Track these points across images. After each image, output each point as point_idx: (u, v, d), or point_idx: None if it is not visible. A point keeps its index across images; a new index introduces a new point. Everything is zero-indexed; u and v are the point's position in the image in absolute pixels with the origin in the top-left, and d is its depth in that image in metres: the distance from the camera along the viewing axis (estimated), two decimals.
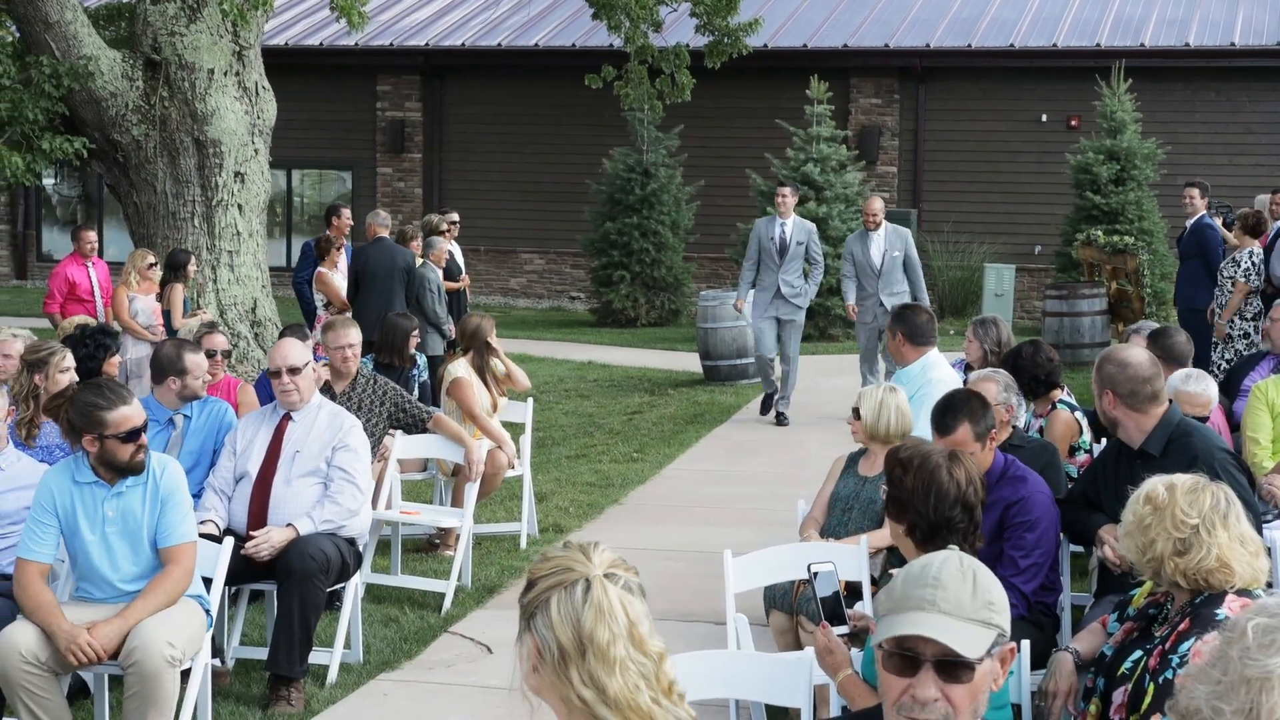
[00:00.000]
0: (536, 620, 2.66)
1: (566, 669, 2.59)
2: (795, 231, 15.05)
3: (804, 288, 15.11)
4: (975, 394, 6.30)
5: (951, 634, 2.82)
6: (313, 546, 7.08)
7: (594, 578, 2.64)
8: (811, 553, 6.27)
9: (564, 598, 2.64)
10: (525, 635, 2.68)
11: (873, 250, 14.88)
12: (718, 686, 4.95)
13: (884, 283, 14.77)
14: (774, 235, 15.01)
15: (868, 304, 14.83)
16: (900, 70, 26.77)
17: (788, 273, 14.94)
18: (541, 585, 2.68)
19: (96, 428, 6.04)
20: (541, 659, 2.63)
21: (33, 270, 30.95)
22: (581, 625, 2.60)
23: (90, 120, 15.92)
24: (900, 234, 15.02)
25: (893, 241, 14.90)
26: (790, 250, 14.94)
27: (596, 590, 2.63)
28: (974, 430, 5.97)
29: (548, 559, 2.72)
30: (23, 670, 5.80)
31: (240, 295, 16.09)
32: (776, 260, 14.92)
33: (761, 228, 15.22)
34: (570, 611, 2.62)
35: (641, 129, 24.53)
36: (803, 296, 15.09)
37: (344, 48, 28.25)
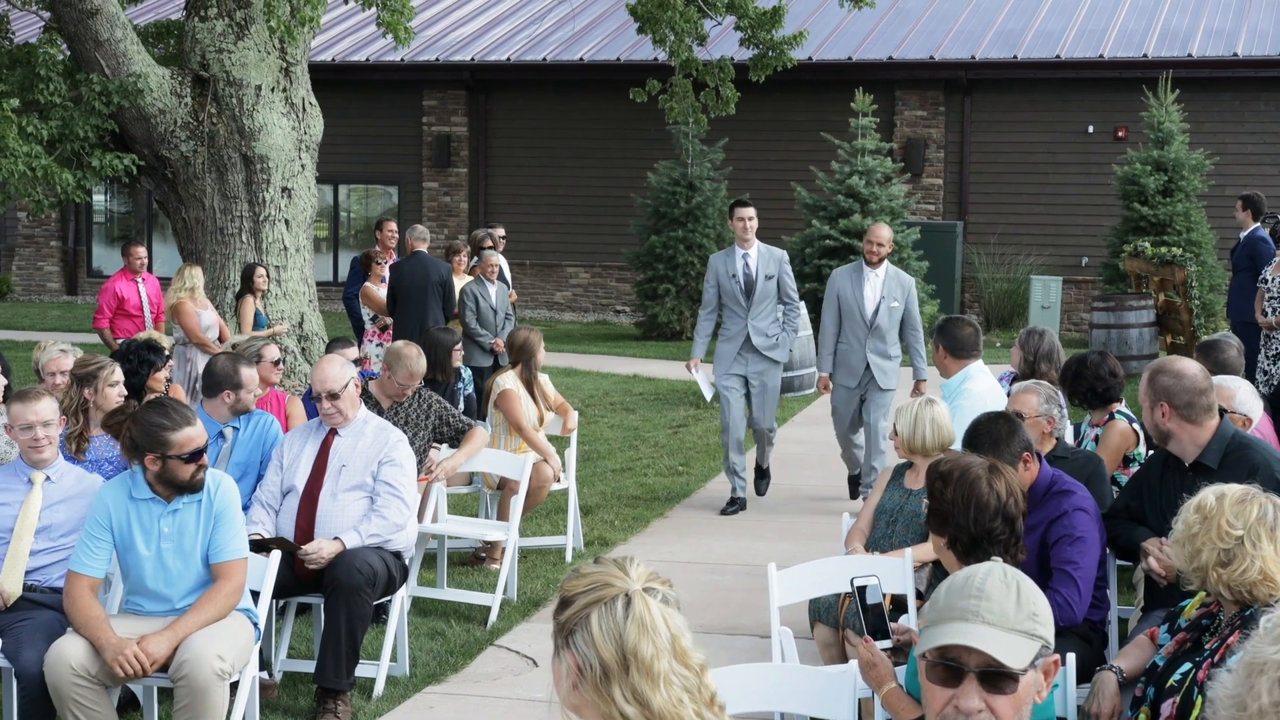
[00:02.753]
0: (576, 638, 2.62)
1: (609, 686, 2.57)
2: (762, 263, 11.74)
3: (781, 336, 11.86)
4: (1002, 418, 6.22)
5: (995, 644, 2.82)
6: (359, 560, 7.11)
7: (634, 592, 2.62)
8: (856, 566, 6.26)
9: (605, 614, 2.60)
10: (564, 653, 2.64)
11: (866, 292, 11.47)
12: (762, 700, 4.94)
13: (874, 339, 11.46)
14: (735, 271, 11.70)
15: (851, 361, 11.51)
16: (945, 82, 26.69)
17: (759, 317, 11.71)
18: (580, 602, 2.64)
19: (160, 448, 6.09)
20: (582, 677, 2.60)
21: (83, 286, 31.21)
22: (625, 641, 2.57)
23: (139, 137, 16.06)
24: (903, 282, 11.61)
25: (892, 288, 11.52)
26: (758, 287, 11.69)
27: (638, 605, 2.60)
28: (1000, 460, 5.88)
29: (582, 575, 2.68)
30: (73, 683, 5.85)
31: (287, 309, 16.19)
32: (743, 302, 11.68)
33: (718, 263, 11.85)
34: (613, 627, 2.59)
35: (686, 142, 24.55)
36: (780, 348, 11.85)
37: (390, 63, 28.39)
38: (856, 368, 11.51)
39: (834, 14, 28.08)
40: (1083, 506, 5.87)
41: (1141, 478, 6.50)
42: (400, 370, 8.98)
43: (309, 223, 16.87)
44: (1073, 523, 5.78)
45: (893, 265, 11.68)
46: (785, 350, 11.95)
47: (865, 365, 11.43)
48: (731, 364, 11.73)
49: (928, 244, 23.69)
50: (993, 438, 5.96)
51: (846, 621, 6.57)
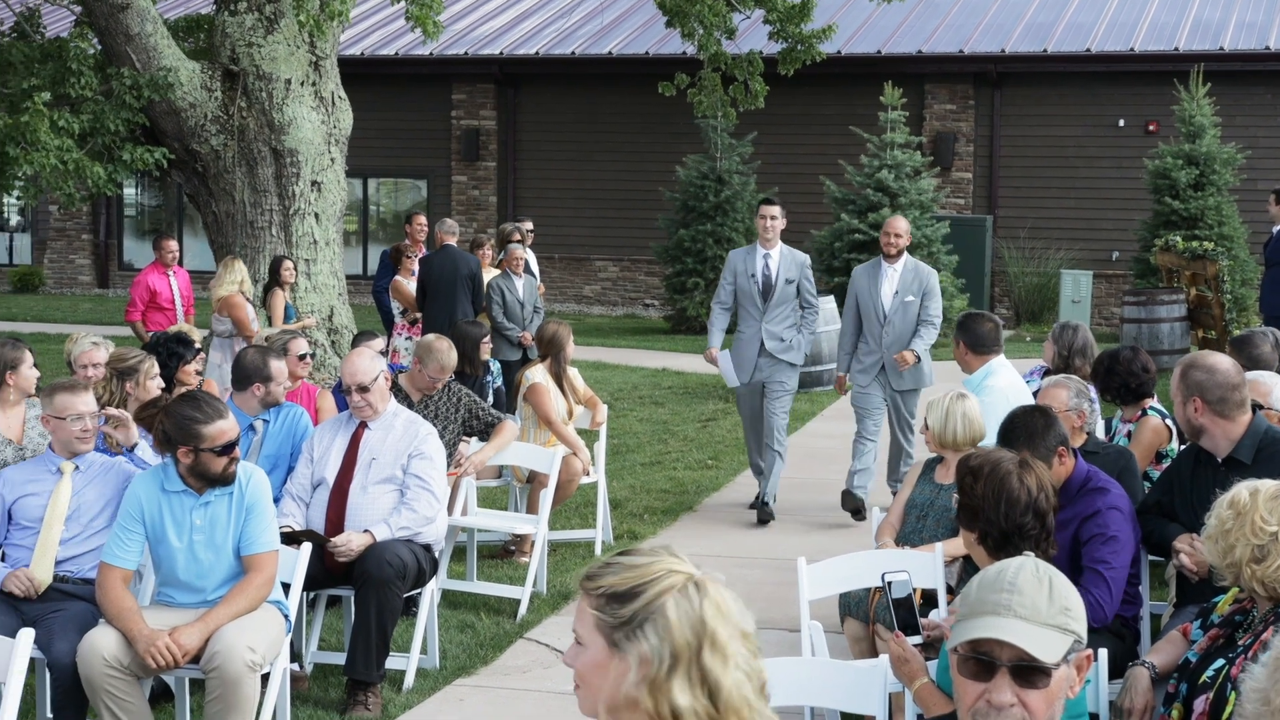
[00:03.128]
0: (647, 630, 2.55)
1: (671, 678, 2.55)
2: (783, 265, 11.28)
3: (795, 340, 11.34)
4: (1038, 411, 6.19)
5: (1028, 638, 2.81)
6: (390, 553, 7.13)
7: (699, 577, 2.59)
8: (886, 561, 6.25)
9: (681, 599, 2.55)
10: (629, 646, 2.57)
11: (884, 288, 11.02)
12: (792, 694, 4.94)
13: (892, 337, 10.98)
14: (754, 271, 11.27)
15: (869, 361, 11.09)
16: (975, 76, 26.61)
17: (774, 320, 11.25)
18: (650, 591, 2.57)
19: (193, 440, 6.12)
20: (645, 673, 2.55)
21: (114, 279, 31.36)
22: (704, 624, 2.54)
23: (170, 131, 16.12)
24: (922, 275, 11.08)
25: (908, 282, 11.03)
26: (777, 290, 11.23)
27: (709, 587, 2.58)
28: (1035, 454, 5.86)
29: (632, 566, 2.61)
30: (105, 674, 5.88)
31: (317, 303, 16.23)
32: (759, 304, 11.24)
33: (737, 260, 11.42)
34: (690, 611, 2.54)
35: (715, 136, 24.52)
36: (794, 351, 11.32)
37: (419, 57, 28.44)
38: (873, 367, 11.06)
39: (863, 7, 28.01)
40: (1117, 505, 5.83)
41: (1172, 473, 6.48)
42: (431, 363, 8.99)
43: (339, 216, 16.90)
44: (1106, 521, 5.75)
45: (914, 258, 11.23)
46: (800, 353, 11.40)
47: (882, 366, 11.00)
48: (746, 371, 11.32)
49: (957, 238, 23.62)
50: (1028, 430, 5.94)
51: (877, 616, 6.57)
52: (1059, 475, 5.84)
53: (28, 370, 7.84)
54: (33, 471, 6.69)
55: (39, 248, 32.47)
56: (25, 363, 7.83)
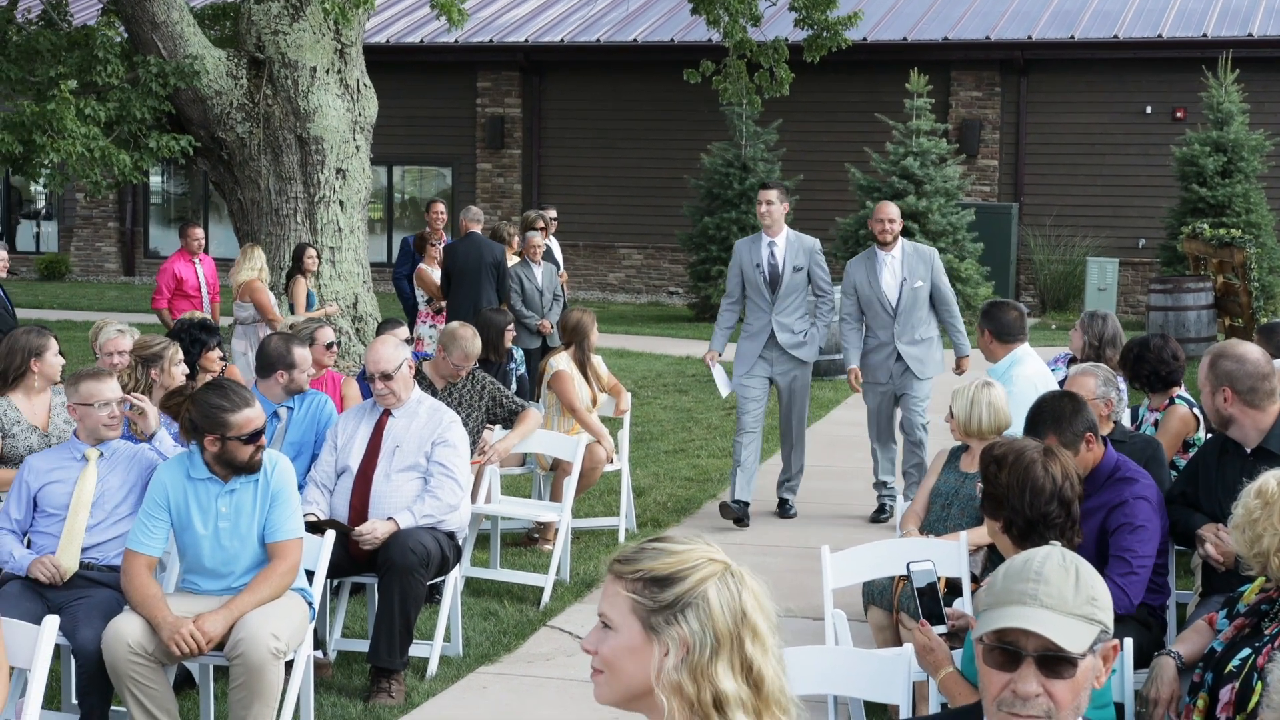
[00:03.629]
0: (689, 616, 2.56)
1: (714, 663, 2.54)
2: (790, 253, 10.66)
3: (809, 333, 10.78)
4: (1067, 396, 6.15)
5: (1054, 628, 2.79)
6: (413, 540, 7.13)
7: (737, 568, 2.61)
8: (910, 549, 6.23)
9: (722, 587, 2.57)
10: (670, 630, 2.57)
11: (885, 278, 10.49)
12: (816, 682, 4.93)
13: (902, 325, 10.50)
14: (759, 260, 10.67)
15: (878, 358, 10.61)
16: (1001, 63, 26.52)
17: (785, 311, 10.65)
18: (693, 577, 2.58)
19: (219, 429, 6.12)
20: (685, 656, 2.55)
21: (140, 267, 31.47)
22: (744, 613, 2.56)
23: (196, 118, 16.15)
24: (924, 256, 10.61)
25: (913, 266, 10.52)
26: (785, 279, 10.62)
27: (747, 578, 2.61)
28: (1062, 439, 5.82)
29: (673, 552, 2.61)
30: (130, 660, 5.89)
31: (342, 290, 16.26)
32: (766, 295, 10.64)
33: (742, 250, 10.84)
34: (731, 599, 2.56)
35: (740, 124, 24.49)
36: (808, 346, 10.77)
37: (444, 45, 28.45)
38: (886, 363, 10.56)
39: None
40: (1145, 495, 5.79)
41: (1198, 463, 6.43)
42: (455, 351, 8.99)
43: (363, 204, 16.93)
44: (1134, 510, 5.71)
45: (910, 241, 10.73)
46: (814, 348, 10.81)
47: (896, 356, 10.48)
48: (754, 364, 10.68)
49: (983, 226, 23.56)
50: (1055, 415, 5.90)
51: (901, 605, 6.55)
52: (1087, 462, 5.80)
53: (52, 358, 7.86)
54: (58, 459, 6.71)
55: (65, 235, 32.61)
56: (50, 350, 7.86)
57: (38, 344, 7.84)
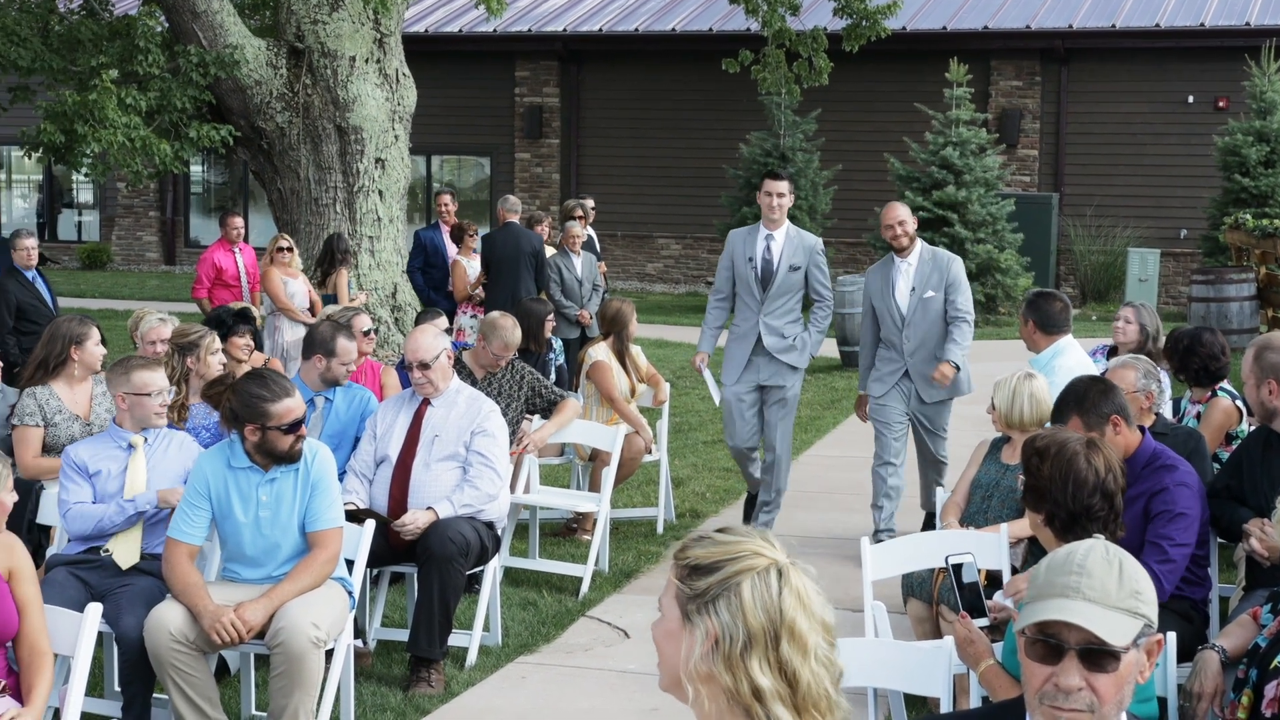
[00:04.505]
0: (720, 605, 2.53)
1: (747, 657, 2.51)
2: (787, 250, 9.65)
3: (801, 338, 9.70)
4: (1095, 380, 6.11)
5: (1097, 621, 2.77)
6: (452, 530, 7.15)
7: (785, 565, 2.56)
8: (950, 541, 6.20)
9: (759, 583, 2.52)
10: (699, 620, 2.54)
11: (898, 286, 9.47)
12: (855, 675, 4.91)
13: (915, 341, 9.43)
14: (753, 254, 9.65)
15: (886, 370, 9.53)
16: (1042, 52, 26.38)
17: (774, 313, 9.62)
18: (728, 569, 2.54)
19: (260, 418, 6.14)
20: (715, 648, 2.54)
21: (181, 256, 31.62)
22: (781, 612, 2.51)
23: (236, 108, 16.21)
24: (941, 265, 9.51)
25: (925, 274, 9.44)
26: (778, 278, 9.60)
27: (793, 577, 2.55)
28: (1085, 420, 5.79)
29: (719, 543, 2.58)
30: (171, 648, 5.92)
31: (381, 280, 16.30)
32: (756, 293, 9.63)
33: (736, 242, 9.81)
34: (767, 597, 2.51)
35: (778, 113, 24.43)
36: (798, 352, 9.68)
37: (483, 34, 28.47)
38: (891, 377, 9.50)
39: None
40: (1185, 482, 5.74)
41: (1241, 456, 6.39)
42: (495, 341, 9.00)
43: (402, 193, 16.97)
44: (1174, 498, 5.66)
45: (931, 246, 9.69)
46: (805, 355, 9.71)
47: (905, 374, 9.46)
48: (741, 371, 9.69)
49: (1022, 216, 23.45)
50: (1078, 396, 5.85)
51: (941, 597, 6.53)
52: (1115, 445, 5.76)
53: (93, 347, 7.90)
54: (100, 446, 6.74)
55: (107, 225, 32.79)
56: (91, 339, 7.90)
57: (78, 332, 7.89)
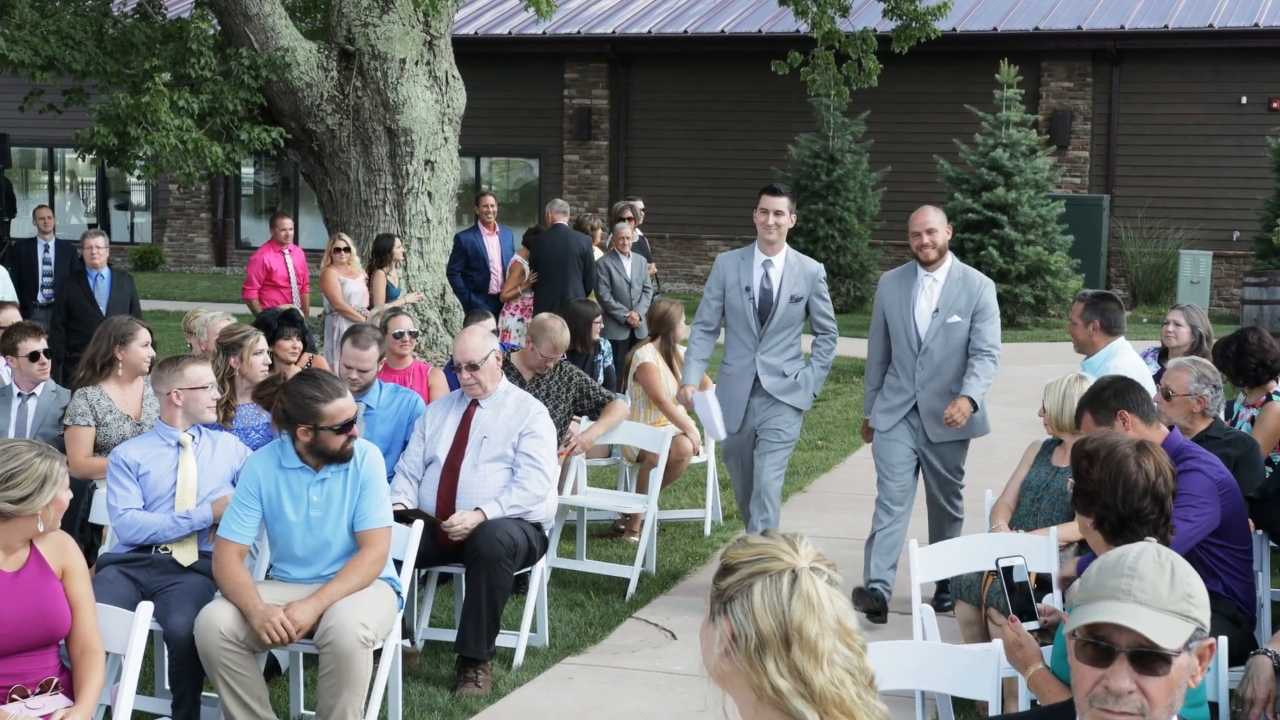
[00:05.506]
0: (735, 606, 2.55)
1: (762, 657, 2.52)
2: (788, 278, 8.48)
3: (803, 376, 8.56)
4: (1117, 379, 6.05)
5: (1148, 624, 2.75)
6: (500, 531, 7.16)
7: (801, 569, 2.55)
8: (999, 544, 6.17)
9: (769, 586, 2.53)
10: (719, 619, 2.58)
11: (919, 303, 8.21)
12: (903, 677, 4.90)
13: (928, 370, 8.20)
14: (749, 283, 8.48)
15: (896, 401, 8.30)
16: (1093, 53, 26.23)
17: (773, 350, 8.49)
18: (744, 571, 2.57)
19: (313, 419, 6.18)
20: (735, 645, 2.55)
21: (231, 257, 31.82)
22: (790, 616, 2.51)
23: (287, 110, 16.30)
24: (972, 286, 8.19)
25: (953, 296, 8.16)
26: (778, 311, 8.44)
27: (805, 582, 2.54)
28: (1094, 415, 5.77)
29: (749, 545, 2.61)
30: (222, 648, 5.96)
31: (430, 281, 16.34)
32: (753, 328, 8.47)
33: (727, 268, 8.60)
34: (775, 601, 2.52)
35: (827, 115, 24.39)
36: (800, 392, 8.54)
37: (532, 36, 28.53)
38: (899, 409, 8.30)
39: None
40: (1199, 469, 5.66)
41: None
42: (544, 342, 9.01)
43: (451, 195, 17.01)
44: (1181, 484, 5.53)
45: (962, 264, 8.33)
46: (807, 394, 8.57)
47: (914, 407, 8.25)
48: (735, 416, 8.56)
49: (1073, 217, 23.32)
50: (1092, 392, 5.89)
51: (990, 600, 6.49)
52: None
53: (139, 348, 7.96)
54: (148, 446, 6.78)
55: (159, 226, 33.04)
56: (136, 340, 7.95)
57: (124, 331, 7.96)
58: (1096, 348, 8.43)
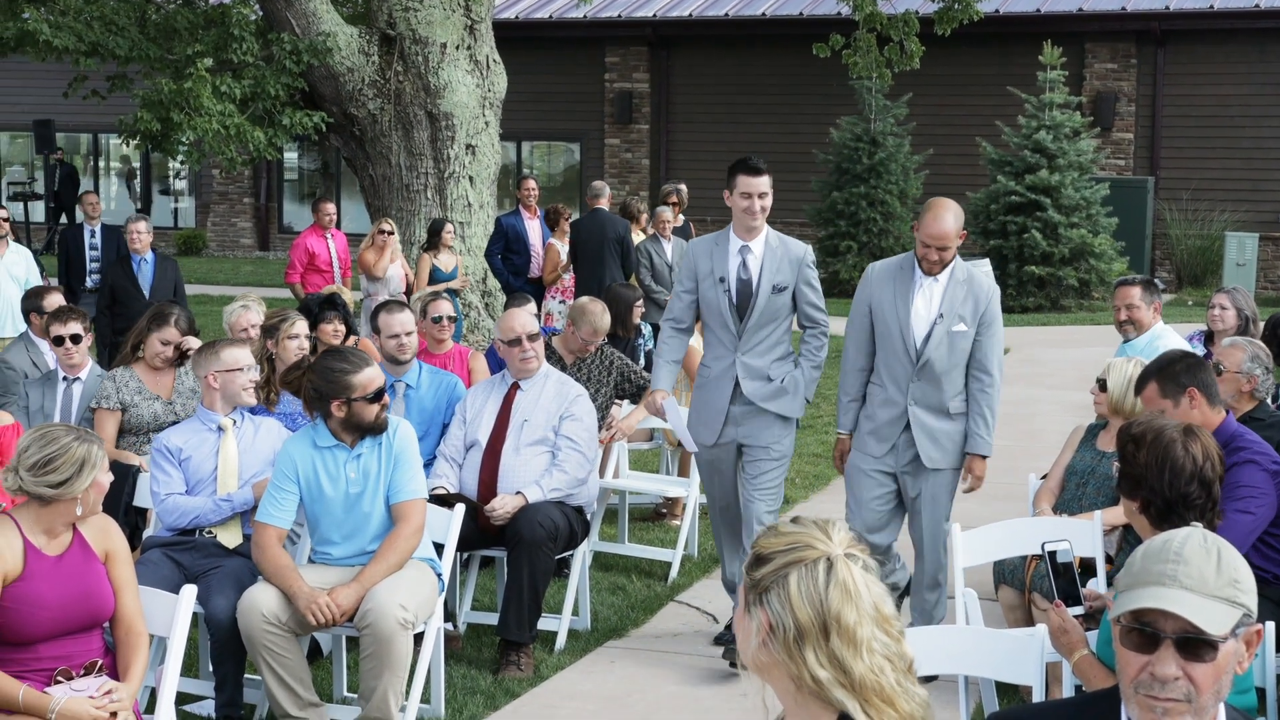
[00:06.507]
0: (771, 596, 2.53)
1: (801, 648, 2.50)
2: (769, 264, 7.36)
3: (791, 380, 7.39)
4: (1187, 354, 6.01)
5: (1194, 609, 2.73)
6: (542, 514, 7.16)
7: (836, 557, 2.53)
8: (1043, 528, 6.14)
9: (804, 575, 2.51)
10: (755, 610, 2.55)
11: (916, 304, 7.04)
12: (946, 662, 4.88)
13: (923, 384, 7.03)
14: (725, 273, 7.33)
15: (884, 414, 7.12)
16: (1137, 34, 26.01)
17: (756, 350, 7.36)
18: (778, 561, 2.54)
19: (344, 391, 6.19)
20: (773, 635, 2.52)
21: (274, 242, 31.94)
22: (827, 605, 2.49)
23: (328, 95, 16.33)
24: (978, 290, 7.01)
25: (956, 300, 6.98)
26: (759, 303, 7.31)
27: (840, 570, 2.52)
28: (1161, 387, 5.72)
29: (780, 533, 2.59)
30: (265, 630, 5.98)
31: (471, 266, 16.36)
32: (731, 325, 7.33)
33: (699, 255, 7.45)
34: (812, 590, 2.50)
35: (869, 98, 24.29)
36: (790, 397, 7.38)
37: (572, 20, 28.50)
38: (892, 431, 7.11)
39: None
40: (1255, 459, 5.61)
41: None
42: (585, 326, 9.01)
43: (492, 179, 17.02)
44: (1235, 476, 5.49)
45: (966, 264, 7.12)
46: (798, 400, 7.39)
47: (905, 425, 7.08)
48: (712, 422, 7.42)
49: (1117, 200, 23.17)
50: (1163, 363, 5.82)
51: (1033, 584, 6.46)
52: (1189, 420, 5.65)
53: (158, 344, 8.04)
54: (190, 431, 6.81)
55: (202, 211, 33.19)
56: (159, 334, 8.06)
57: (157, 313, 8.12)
58: (1147, 327, 8.37)
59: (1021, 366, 16.30)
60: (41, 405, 8.23)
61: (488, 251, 15.98)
